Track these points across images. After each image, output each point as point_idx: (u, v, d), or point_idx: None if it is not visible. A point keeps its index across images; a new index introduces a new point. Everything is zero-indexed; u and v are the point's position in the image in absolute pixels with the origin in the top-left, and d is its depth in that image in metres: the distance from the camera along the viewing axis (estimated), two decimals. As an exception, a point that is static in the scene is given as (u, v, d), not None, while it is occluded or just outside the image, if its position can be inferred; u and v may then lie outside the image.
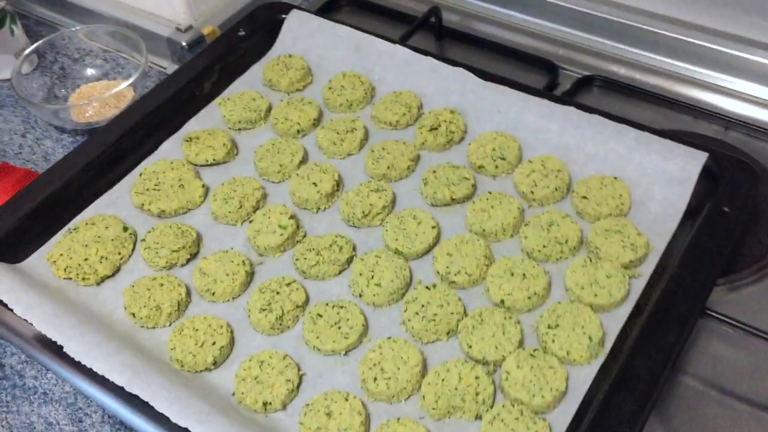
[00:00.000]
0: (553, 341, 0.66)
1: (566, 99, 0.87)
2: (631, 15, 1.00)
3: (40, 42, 1.04)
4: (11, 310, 0.68)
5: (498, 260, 0.73)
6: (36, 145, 0.99)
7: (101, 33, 1.07)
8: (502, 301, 0.70)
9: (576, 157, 0.81)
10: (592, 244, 0.73)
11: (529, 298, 0.70)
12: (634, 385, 0.61)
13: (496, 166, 0.81)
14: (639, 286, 0.71)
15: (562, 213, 0.76)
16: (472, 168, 0.82)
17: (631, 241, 0.72)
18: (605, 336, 0.67)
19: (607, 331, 0.67)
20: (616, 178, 0.78)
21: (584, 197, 0.77)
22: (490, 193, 0.78)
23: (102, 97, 0.97)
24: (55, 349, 0.66)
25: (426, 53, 0.92)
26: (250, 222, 0.77)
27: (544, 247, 0.73)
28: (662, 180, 0.76)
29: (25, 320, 0.68)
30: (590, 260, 0.72)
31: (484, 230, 0.75)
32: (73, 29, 1.07)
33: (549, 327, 0.67)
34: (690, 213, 0.75)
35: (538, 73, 1.00)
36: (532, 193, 0.78)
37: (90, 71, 1.06)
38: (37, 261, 0.75)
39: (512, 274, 0.71)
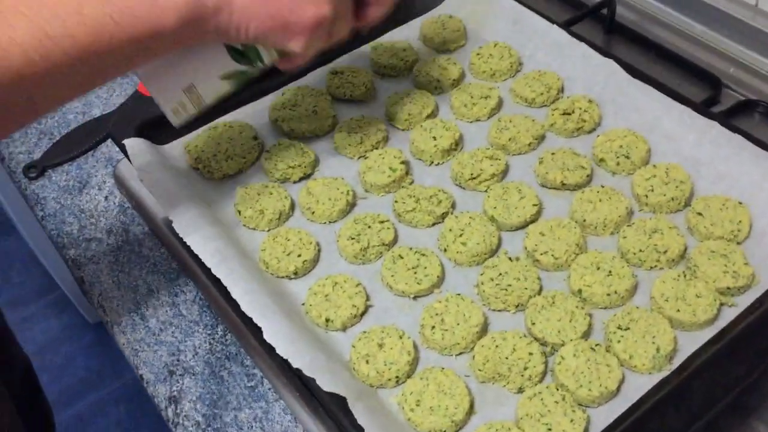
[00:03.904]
0: (619, 342, 0.65)
1: (715, 114, 0.83)
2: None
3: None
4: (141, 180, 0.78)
5: (588, 252, 0.72)
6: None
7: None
8: (580, 291, 0.69)
9: (705, 173, 0.78)
10: (692, 261, 0.71)
11: (608, 294, 0.69)
12: (686, 404, 0.59)
13: (618, 164, 0.79)
14: (729, 315, 0.67)
15: (670, 223, 0.73)
16: (594, 160, 0.81)
17: (735, 269, 0.69)
18: (675, 353, 0.65)
19: (679, 349, 0.65)
20: (740, 203, 0.74)
21: (699, 214, 0.74)
22: (602, 186, 0.77)
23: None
24: (169, 228, 0.75)
25: (583, 40, 0.90)
26: (365, 158, 0.81)
27: (640, 251, 0.72)
28: (791, 216, 0.72)
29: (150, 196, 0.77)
30: (684, 276, 0.69)
31: (585, 221, 0.75)
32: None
33: (619, 327, 0.66)
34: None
35: (700, 87, 0.95)
36: (647, 197, 0.76)
37: None
38: (176, 147, 0.84)
39: (598, 268, 0.70)
